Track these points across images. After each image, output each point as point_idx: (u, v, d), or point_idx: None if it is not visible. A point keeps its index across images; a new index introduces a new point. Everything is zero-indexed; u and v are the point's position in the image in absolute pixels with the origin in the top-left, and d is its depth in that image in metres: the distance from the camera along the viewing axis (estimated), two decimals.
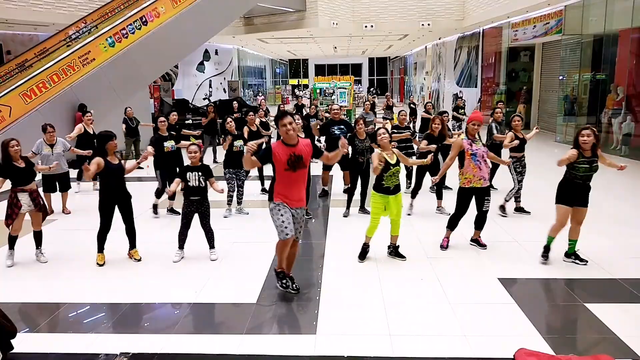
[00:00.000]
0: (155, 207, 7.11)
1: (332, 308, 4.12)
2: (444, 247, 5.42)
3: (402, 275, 4.79)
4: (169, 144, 6.87)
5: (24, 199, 5.12)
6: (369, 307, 4.11)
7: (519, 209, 6.80)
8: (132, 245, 5.33)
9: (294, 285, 4.38)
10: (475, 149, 5.16)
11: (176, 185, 5.16)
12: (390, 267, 4.97)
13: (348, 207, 6.93)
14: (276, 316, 4.08)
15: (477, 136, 5.27)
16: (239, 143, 6.82)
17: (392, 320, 3.87)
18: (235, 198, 7.03)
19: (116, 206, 5.15)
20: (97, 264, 5.16)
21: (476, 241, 5.44)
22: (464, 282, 4.57)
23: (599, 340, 3.58)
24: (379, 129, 5.19)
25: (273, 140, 8.09)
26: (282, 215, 4.01)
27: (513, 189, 6.72)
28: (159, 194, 7.07)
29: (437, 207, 6.93)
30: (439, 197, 6.93)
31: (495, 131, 7.38)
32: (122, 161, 5.25)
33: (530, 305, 4.11)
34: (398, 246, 5.21)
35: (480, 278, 4.67)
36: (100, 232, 5.16)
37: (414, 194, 6.96)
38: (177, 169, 7.28)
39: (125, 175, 5.24)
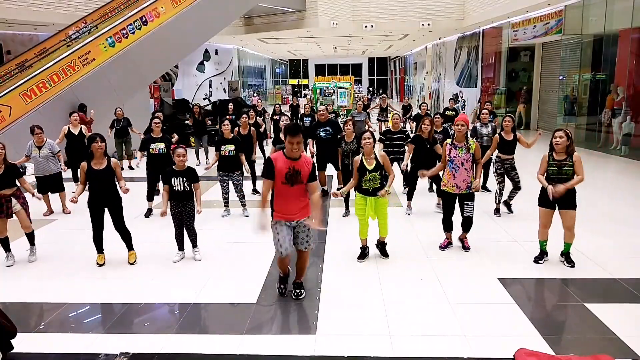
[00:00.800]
0: (149, 211, 7.10)
1: (332, 308, 4.12)
2: (443, 247, 5.41)
3: (402, 275, 4.79)
4: (156, 146, 6.81)
5: None
6: (369, 307, 4.11)
7: (506, 204, 6.80)
8: (128, 247, 5.30)
9: (298, 292, 4.31)
10: (453, 155, 5.13)
11: (166, 195, 5.11)
12: (390, 267, 4.97)
13: (347, 208, 6.93)
14: (276, 316, 4.08)
15: (466, 140, 5.17)
16: (228, 148, 6.75)
17: (392, 320, 3.87)
18: (233, 199, 7.02)
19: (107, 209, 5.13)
20: (97, 263, 5.16)
21: (461, 241, 5.42)
22: (464, 282, 4.57)
23: (599, 340, 3.57)
24: (364, 132, 5.17)
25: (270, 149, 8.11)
26: (277, 234, 4.10)
27: (497, 190, 6.76)
28: (149, 196, 7.07)
29: (437, 203, 6.97)
30: (439, 194, 6.93)
31: (477, 132, 7.42)
32: (115, 163, 5.14)
33: (530, 305, 4.12)
34: (385, 243, 5.21)
35: (480, 278, 4.67)
36: (93, 235, 5.14)
37: (409, 196, 6.95)
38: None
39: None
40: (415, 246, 5.52)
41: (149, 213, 7.07)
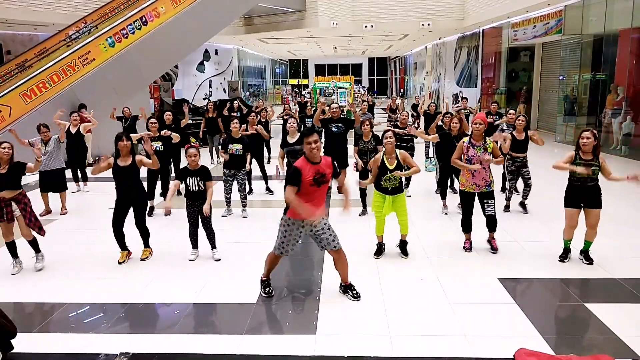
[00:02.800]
0: (151, 209, 7.10)
1: (332, 308, 4.12)
2: (468, 249, 5.34)
3: (402, 275, 4.79)
4: (153, 144, 6.82)
5: None
6: (369, 307, 4.11)
7: (522, 204, 6.84)
8: (145, 244, 5.38)
9: (354, 292, 4.28)
10: (472, 154, 5.09)
11: (174, 188, 5.16)
12: (390, 268, 4.97)
13: (364, 206, 6.93)
14: (276, 316, 4.08)
15: (483, 139, 5.13)
16: (235, 147, 6.77)
17: (392, 320, 3.87)
18: (234, 198, 7.02)
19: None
20: (118, 262, 5.21)
21: (489, 242, 5.38)
22: (464, 282, 4.58)
23: (599, 340, 3.58)
24: (386, 131, 5.20)
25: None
26: (285, 234, 4.13)
27: (508, 187, 6.81)
28: (150, 195, 7.07)
29: (458, 204, 6.94)
30: (443, 197, 6.97)
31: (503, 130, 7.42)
32: (139, 159, 5.18)
33: (530, 305, 4.12)
34: (406, 242, 5.24)
35: (480, 278, 4.67)
36: (113, 232, 5.20)
37: (443, 195, 6.96)
38: (171, 169, 7.31)
39: None
40: (415, 246, 5.52)
41: (151, 212, 7.08)
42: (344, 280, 4.35)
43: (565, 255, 5.00)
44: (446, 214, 6.85)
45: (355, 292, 4.30)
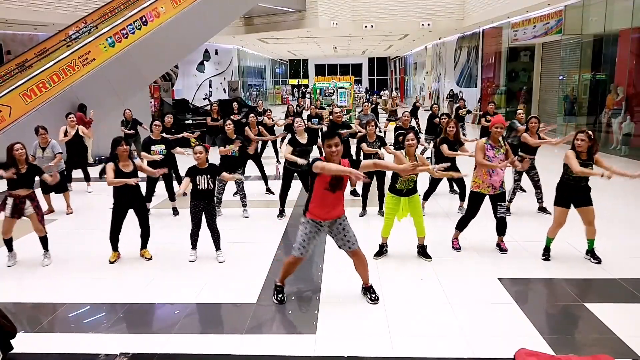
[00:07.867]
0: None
1: (332, 308, 4.12)
2: (456, 248, 5.37)
3: (402, 275, 4.79)
4: (156, 148, 6.82)
5: (9, 203, 5.08)
6: (369, 307, 4.11)
7: (540, 208, 6.79)
8: (143, 245, 5.38)
9: (373, 295, 4.22)
10: (491, 155, 5.07)
11: (186, 185, 5.10)
12: (390, 267, 4.97)
13: (364, 207, 6.90)
14: (276, 316, 4.08)
15: (500, 141, 5.13)
16: (231, 147, 6.75)
17: (392, 320, 3.87)
18: (234, 199, 7.01)
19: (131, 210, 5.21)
20: (109, 261, 5.21)
21: (498, 245, 5.36)
22: (464, 282, 4.57)
23: (599, 340, 3.57)
24: (407, 133, 5.16)
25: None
26: (305, 234, 4.03)
27: (512, 187, 6.76)
28: (147, 197, 7.04)
29: (459, 207, 6.92)
30: (462, 198, 6.87)
31: (517, 126, 7.41)
32: (139, 165, 5.22)
33: (530, 305, 4.12)
34: (425, 246, 5.20)
35: (480, 278, 4.67)
36: (110, 234, 5.20)
37: (426, 197, 6.90)
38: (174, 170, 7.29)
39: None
40: (415, 246, 5.51)
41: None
42: (365, 283, 4.32)
43: (547, 255, 5.03)
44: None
45: (374, 295, 4.24)
